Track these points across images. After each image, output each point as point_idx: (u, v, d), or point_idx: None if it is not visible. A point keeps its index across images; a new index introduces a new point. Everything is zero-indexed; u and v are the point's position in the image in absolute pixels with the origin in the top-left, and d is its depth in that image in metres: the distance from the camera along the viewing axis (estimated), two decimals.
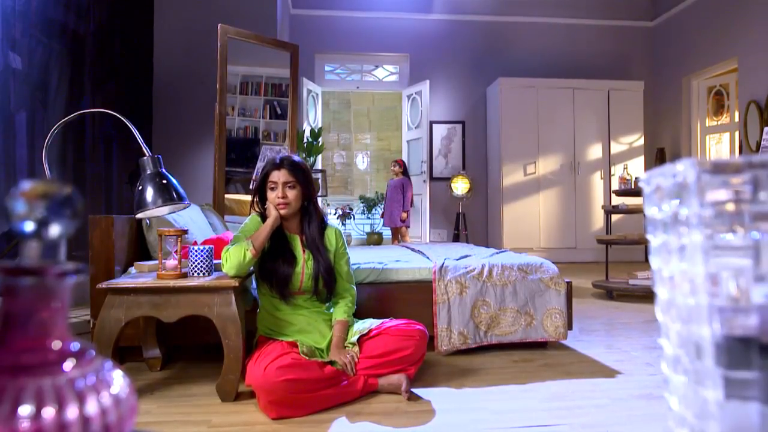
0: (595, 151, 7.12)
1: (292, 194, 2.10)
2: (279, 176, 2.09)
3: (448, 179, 7.30)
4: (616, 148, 7.15)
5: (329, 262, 2.16)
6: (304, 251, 2.15)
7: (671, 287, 0.62)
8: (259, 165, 3.91)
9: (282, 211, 2.10)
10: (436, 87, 7.41)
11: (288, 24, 6.85)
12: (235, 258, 1.98)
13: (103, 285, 1.92)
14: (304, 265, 2.12)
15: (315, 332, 2.12)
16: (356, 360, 1.99)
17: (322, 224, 2.23)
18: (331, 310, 2.21)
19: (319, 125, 7.06)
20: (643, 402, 1.94)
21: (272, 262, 2.09)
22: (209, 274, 2.07)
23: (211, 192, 3.78)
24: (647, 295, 4.19)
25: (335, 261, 2.20)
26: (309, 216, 2.18)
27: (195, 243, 2.39)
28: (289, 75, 4.13)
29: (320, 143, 6.70)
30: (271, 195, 2.11)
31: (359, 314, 2.36)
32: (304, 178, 2.13)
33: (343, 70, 7.83)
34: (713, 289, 0.53)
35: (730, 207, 0.53)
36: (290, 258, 2.11)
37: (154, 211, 1.96)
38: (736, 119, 6.47)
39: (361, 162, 8.96)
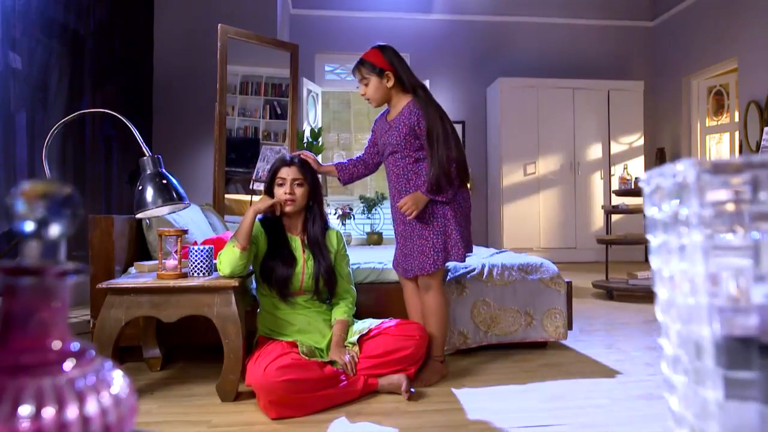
0: (595, 151, 7.12)
1: (299, 192, 2.12)
2: (288, 173, 2.11)
3: None
4: (616, 148, 7.15)
5: (330, 262, 2.16)
6: (304, 251, 2.15)
7: (671, 287, 0.62)
8: (259, 165, 3.91)
9: (287, 208, 2.11)
10: (436, 87, 7.40)
11: (288, 24, 6.85)
12: (225, 257, 1.98)
13: (103, 285, 1.92)
14: (304, 265, 2.13)
15: (315, 332, 2.12)
16: (356, 360, 1.99)
17: (325, 226, 2.23)
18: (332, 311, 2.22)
19: (319, 125, 7.05)
20: (643, 402, 1.94)
21: (272, 263, 2.10)
22: (209, 274, 2.07)
23: (211, 192, 3.78)
24: (647, 295, 4.19)
25: (336, 262, 2.21)
26: (313, 216, 2.19)
27: (195, 243, 2.39)
28: (289, 75, 4.13)
29: (320, 143, 6.70)
30: (279, 191, 2.11)
31: (359, 314, 2.36)
32: (312, 178, 2.16)
33: (343, 70, 7.82)
34: (713, 289, 0.53)
35: (730, 207, 0.53)
36: (289, 259, 2.11)
37: (154, 211, 1.96)
38: (736, 119, 6.47)
39: None
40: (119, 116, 2.06)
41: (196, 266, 2.06)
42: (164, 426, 1.75)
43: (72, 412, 0.40)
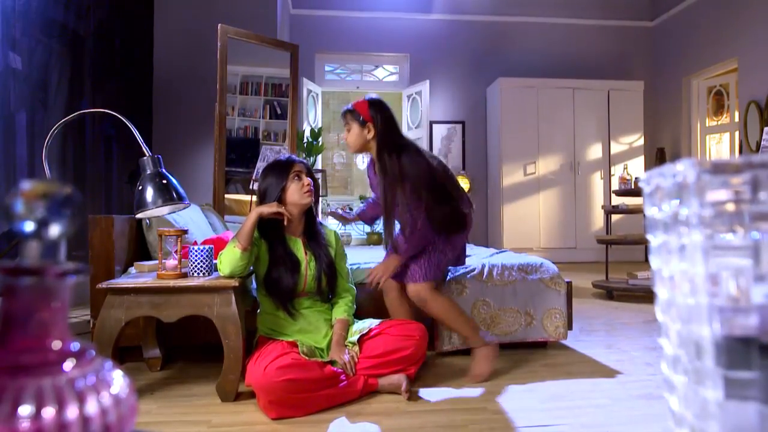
0: (595, 151, 7.12)
1: (313, 184, 2.16)
2: (301, 167, 2.15)
3: None
4: (616, 148, 7.15)
5: (331, 258, 2.18)
6: (306, 253, 2.15)
7: (671, 287, 0.61)
8: (259, 165, 3.91)
9: (308, 199, 2.12)
10: (436, 87, 7.40)
11: (288, 24, 6.85)
12: (226, 258, 1.98)
13: (103, 285, 1.92)
14: (307, 266, 2.13)
15: (315, 332, 2.12)
16: (356, 360, 1.99)
17: (320, 223, 2.28)
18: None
19: (319, 125, 7.05)
20: (643, 402, 1.94)
21: (276, 273, 2.08)
22: (209, 274, 2.07)
23: (211, 192, 3.78)
24: (647, 295, 4.19)
25: (336, 261, 2.22)
26: (312, 215, 2.22)
27: (195, 243, 2.39)
28: (289, 75, 4.13)
29: (320, 143, 6.70)
30: (296, 186, 2.10)
31: (359, 314, 2.36)
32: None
33: (343, 70, 7.83)
34: (713, 289, 0.53)
35: (730, 207, 0.53)
36: (293, 264, 2.10)
37: (154, 211, 1.96)
38: (736, 119, 6.47)
39: (361, 162, 8.97)
40: (119, 116, 2.06)
41: (196, 266, 2.06)
42: (164, 426, 1.75)
43: (72, 412, 0.40)
